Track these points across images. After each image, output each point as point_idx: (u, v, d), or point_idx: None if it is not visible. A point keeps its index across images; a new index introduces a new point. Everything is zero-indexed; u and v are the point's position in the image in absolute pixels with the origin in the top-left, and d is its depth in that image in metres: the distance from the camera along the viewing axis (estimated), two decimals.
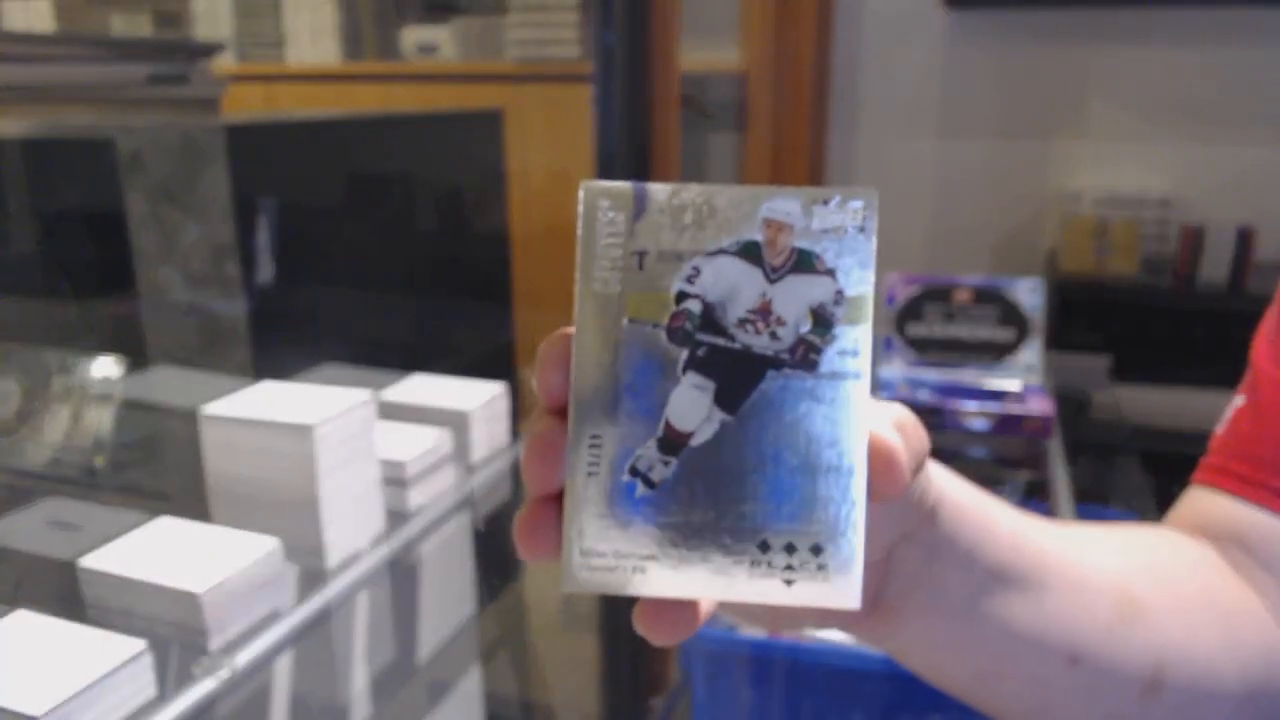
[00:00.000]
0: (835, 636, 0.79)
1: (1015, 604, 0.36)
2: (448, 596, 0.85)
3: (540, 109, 2.41)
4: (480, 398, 0.91)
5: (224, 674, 0.60)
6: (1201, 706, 0.40)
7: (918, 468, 0.29)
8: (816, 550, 0.25)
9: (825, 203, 0.25)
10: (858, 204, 0.25)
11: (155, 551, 0.65)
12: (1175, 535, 0.46)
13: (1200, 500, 0.47)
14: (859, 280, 0.25)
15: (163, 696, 0.57)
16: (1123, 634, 0.38)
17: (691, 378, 0.25)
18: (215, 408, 0.72)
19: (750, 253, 0.25)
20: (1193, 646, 0.40)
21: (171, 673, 0.59)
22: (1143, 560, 0.43)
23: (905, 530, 0.32)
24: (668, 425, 0.25)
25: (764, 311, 0.25)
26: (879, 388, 1.17)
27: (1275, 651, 0.42)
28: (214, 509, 0.73)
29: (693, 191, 0.25)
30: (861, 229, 0.25)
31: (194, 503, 0.72)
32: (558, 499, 0.25)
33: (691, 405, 0.25)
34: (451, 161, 1.16)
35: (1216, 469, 0.47)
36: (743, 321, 0.25)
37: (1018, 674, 0.38)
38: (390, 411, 0.89)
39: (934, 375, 1.17)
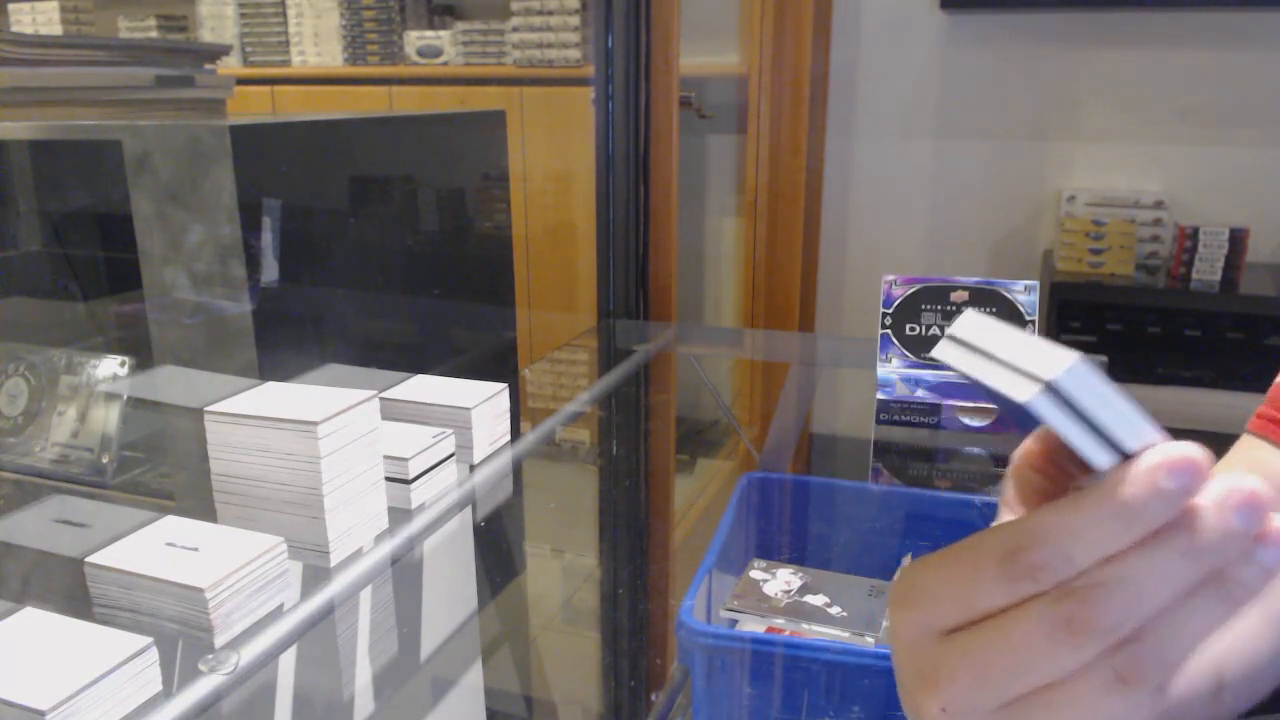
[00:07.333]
0: (834, 631, 0.79)
1: None
2: (450, 593, 0.85)
3: (541, 112, 2.41)
4: (482, 395, 0.92)
5: (228, 670, 0.61)
6: (1256, 682, 0.42)
7: None
8: None
9: None
10: None
11: (161, 549, 0.65)
12: None
13: (1250, 449, 0.49)
14: None
15: (168, 692, 0.57)
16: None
17: None
18: (220, 406, 0.72)
19: None
20: (1239, 641, 0.42)
21: (176, 669, 0.60)
22: None
23: None
24: None
25: None
26: (877, 387, 1.18)
27: None
28: (219, 506, 0.74)
29: None
30: None
31: (199, 500, 0.73)
32: None
33: None
34: (455, 162, 1.16)
35: (1267, 419, 0.48)
36: None
37: None
38: (393, 409, 0.90)
39: (931, 374, 1.18)
